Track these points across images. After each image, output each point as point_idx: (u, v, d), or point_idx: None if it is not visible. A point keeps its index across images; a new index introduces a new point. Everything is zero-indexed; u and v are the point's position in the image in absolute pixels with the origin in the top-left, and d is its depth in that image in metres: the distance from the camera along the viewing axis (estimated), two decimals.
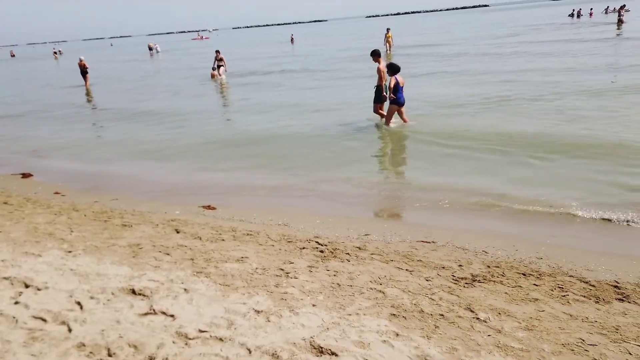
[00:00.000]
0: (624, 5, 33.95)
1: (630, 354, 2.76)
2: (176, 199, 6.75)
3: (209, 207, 6.20)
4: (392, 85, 9.37)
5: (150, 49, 55.98)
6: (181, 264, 4.19)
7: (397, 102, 9.47)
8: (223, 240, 4.87)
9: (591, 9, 52.28)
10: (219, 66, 21.92)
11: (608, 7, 55.08)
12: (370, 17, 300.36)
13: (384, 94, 9.84)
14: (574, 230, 5.06)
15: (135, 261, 4.26)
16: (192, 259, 4.30)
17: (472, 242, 4.73)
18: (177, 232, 5.12)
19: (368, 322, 3.13)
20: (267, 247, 4.65)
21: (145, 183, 7.76)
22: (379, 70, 9.97)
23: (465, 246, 4.66)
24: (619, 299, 3.45)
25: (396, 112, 9.70)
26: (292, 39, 55.30)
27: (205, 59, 26.73)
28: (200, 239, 4.90)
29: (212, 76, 21.79)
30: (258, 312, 3.27)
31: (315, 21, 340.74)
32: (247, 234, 5.04)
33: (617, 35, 26.56)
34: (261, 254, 4.42)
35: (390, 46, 26.81)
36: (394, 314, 3.25)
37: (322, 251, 4.52)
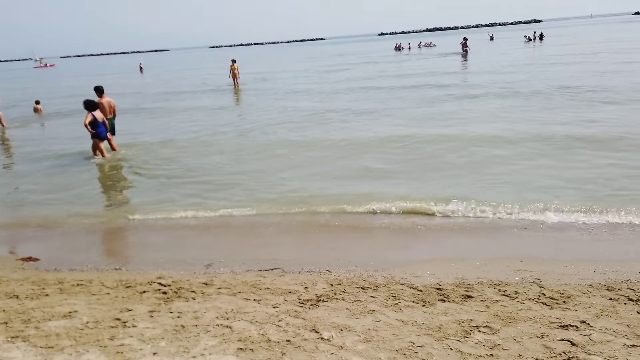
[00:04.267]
0: (466, 38, 39.53)
1: (451, 349, 3.09)
2: None
3: (29, 259, 5.41)
4: (87, 122, 9.90)
5: None
6: None
7: (98, 136, 10.13)
8: (47, 295, 4.27)
9: (409, 43, 59.85)
10: None
11: (420, 42, 63.82)
12: (213, 47, 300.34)
13: (89, 129, 10.07)
14: (402, 239, 5.58)
15: None
16: (6, 323, 3.68)
17: (316, 263, 4.91)
18: None
19: None
20: (102, 296, 4.21)
21: None
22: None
23: (311, 268, 4.81)
24: (441, 300, 3.87)
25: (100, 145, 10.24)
26: (140, 68, 52.48)
27: (30, 94, 22.24)
28: (18, 297, 4.23)
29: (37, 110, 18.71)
30: None
31: (155, 50, 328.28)
32: (77, 285, 4.51)
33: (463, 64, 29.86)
34: (94, 305, 3.98)
35: (236, 78, 26.65)
36: (240, 348, 3.17)
37: (165, 292, 4.24)
